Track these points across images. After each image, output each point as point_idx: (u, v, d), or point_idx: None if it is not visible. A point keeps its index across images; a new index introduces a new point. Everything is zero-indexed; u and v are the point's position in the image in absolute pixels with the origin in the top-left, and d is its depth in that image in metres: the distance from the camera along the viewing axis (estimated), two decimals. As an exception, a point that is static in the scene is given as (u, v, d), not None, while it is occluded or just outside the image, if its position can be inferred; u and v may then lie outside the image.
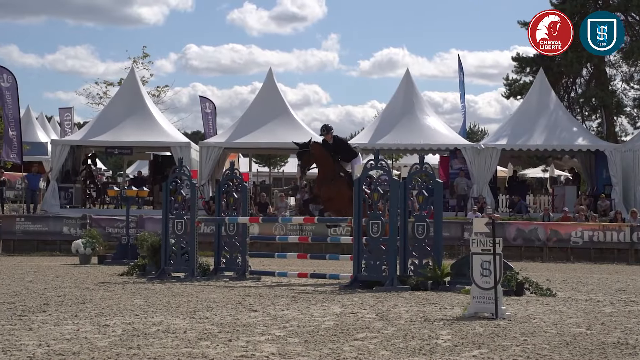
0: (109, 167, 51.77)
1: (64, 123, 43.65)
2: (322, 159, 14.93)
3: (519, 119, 29.45)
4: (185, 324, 8.72)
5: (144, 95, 30.66)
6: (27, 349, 7.08)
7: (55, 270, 17.51)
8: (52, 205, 27.74)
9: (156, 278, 14.76)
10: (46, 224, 25.16)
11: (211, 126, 36.36)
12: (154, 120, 29.51)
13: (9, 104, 28.21)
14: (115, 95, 31.73)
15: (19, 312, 9.61)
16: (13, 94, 28.32)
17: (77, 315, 9.41)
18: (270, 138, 29.06)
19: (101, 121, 29.63)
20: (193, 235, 15.12)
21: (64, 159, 28.59)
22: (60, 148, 28.67)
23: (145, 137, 28.74)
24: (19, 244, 24.89)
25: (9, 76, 28.53)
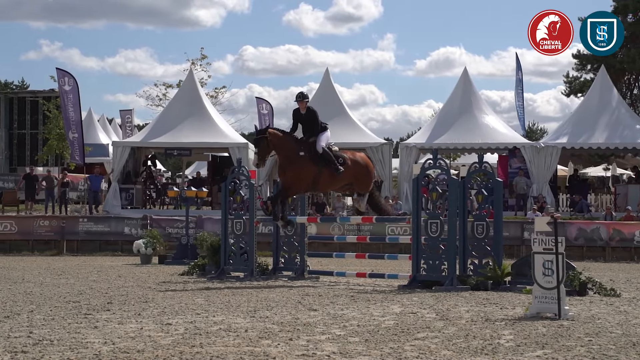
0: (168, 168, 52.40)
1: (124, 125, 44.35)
2: (281, 145, 14.18)
3: (580, 117, 28.99)
4: (246, 322, 8.79)
5: (202, 96, 30.97)
6: (93, 347, 7.21)
7: (118, 270, 17.81)
8: (114, 206, 28.21)
9: (216, 277, 14.90)
10: (108, 225, 25.59)
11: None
12: (212, 122, 29.79)
13: (71, 106, 28.77)
14: (174, 97, 32.12)
15: (84, 311, 9.79)
16: (74, 96, 28.86)
17: (140, 314, 9.55)
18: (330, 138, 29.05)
19: (161, 123, 30.03)
20: (252, 235, 15.23)
21: (125, 161, 29.04)
22: (121, 149, 29.14)
23: (203, 138, 29.02)
24: (82, 244, 25.36)
25: (70, 79, 29.10)
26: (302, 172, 14.10)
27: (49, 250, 24.78)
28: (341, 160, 14.32)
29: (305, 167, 14.09)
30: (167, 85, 41.44)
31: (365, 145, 28.80)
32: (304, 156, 14.09)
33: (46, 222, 25.49)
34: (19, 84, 71.15)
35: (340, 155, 14.42)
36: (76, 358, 6.69)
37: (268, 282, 14.25)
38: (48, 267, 18.57)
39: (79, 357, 6.74)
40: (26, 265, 19.23)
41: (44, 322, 8.81)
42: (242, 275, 14.95)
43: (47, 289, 12.91)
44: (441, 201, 13.33)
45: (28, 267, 18.46)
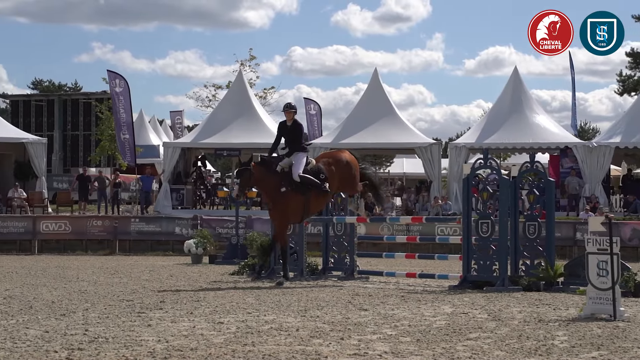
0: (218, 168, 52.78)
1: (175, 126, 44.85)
2: (263, 182, 14.02)
3: (634, 116, 28.47)
4: (297, 322, 8.82)
5: (251, 97, 31.15)
6: (147, 345, 7.30)
7: (169, 269, 18.01)
8: (165, 207, 28.52)
9: (266, 277, 14.97)
10: (159, 225, 25.87)
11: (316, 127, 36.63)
12: (261, 122, 29.94)
13: (122, 108, 29.18)
14: (224, 98, 32.37)
15: (137, 309, 9.92)
16: (125, 98, 29.27)
17: (193, 312, 9.65)
18: (376, 138, 29.07)
19: (210, 124, 30.28)
20: (301, 235, 15.27)
21: (175, 161, 29.35)
22: (171, 150, 29.45)
23: (252, 139, 29.17)
24: (134, 244, 25.69)
25: (121, 81, 29.52)
26: (290, 208, 13.86)
27: (102, 250, 25.14)
28: (323, 176, 13.95)
29: (292, 202, 13.82)
30: (216, 87, 41.77)
31: (414, 146, 28.71)
32: (286, 192, 13.76)
33: (99, 222, 25.88)
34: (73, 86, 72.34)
35: (320, 170, 14.00)
36: (131, 355, 6.79)
37: (318, 282, 14.28)
38: (101, 267, 18.85)
39: (133, 354, 6.84)
40: (80, 265, 19.55)
41: (98, 320, 8.95)
42: (292, 275, 14.99)
43: (101, 287, 13.11)
44: (492, 201, 13.23)
45: (82, 267, 18.77)
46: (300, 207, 13.87)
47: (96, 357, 6.69)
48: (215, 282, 14.13)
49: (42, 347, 7.13)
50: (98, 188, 29.39)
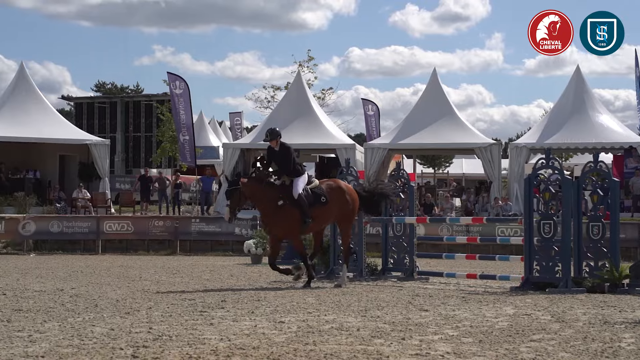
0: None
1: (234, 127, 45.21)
2: (257, 195, 13.51)
3: (700, 114, 27.82)
4: (358, 322, 8.82)
5: (310, 98, 31.24)
6: (210, 343, 7.38)
7: (230, 269, 18.17)
8: (224, 207, 28.56)
9: (325, 277, 15.00)
10: (219, 225, 26.11)
11: (374, 128, 36.61)
12: (320, 123, 30.01)
13: (182, 109, 29.54)
14: (283, 99, 32.52)
15: (200, 308, 10.03)
16: (185, 100, 29.64)
17: (254, 312, 9.72)
18: (435, 139, 28.91)
19: (269, 125, 30.32)
20: (361, 236, 15.27)
21: (235, 162, 29.59)
22: (231, 151, 29.71)
23: (311, 140, 29.26)
24: (194, 244, 26.00)
25: (181, 83, 29.90)
26: (289, 222, 13.36)
27: (163, 250, 25.49)
28: (323, 199, 13.56)
29: (290, 216, 13.34)
30: (275, 88, 41.98)
31: (474, 146, 28.47)
32: (284, 205, 13.32)
33: (160, 222, 26.24)
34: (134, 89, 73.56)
35: (322, 192, 13.63)
36: (194, 353, 6.87)
37: (377, 283, 14.26)
38: (163, 266, 19.12)
39: (197, 352, 6.92)
40: (142, 264, 19.85)
41: (162, 318, 9.08)
42: (352, 275, 15.00)
43: (163, 286, 13.30)
44: (554, 202, 13.04)
45: (144, 266, 19.05)
46: (298, 221, 13.34)
47: (161, 355, 6.78)
48: (275, 282, 14.21)
49: (108, 344, 7.26)
50: (159, 189, 29.81)
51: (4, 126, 28.76)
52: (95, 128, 43.28)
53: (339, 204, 13.77)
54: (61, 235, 25.53)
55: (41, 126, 29.35)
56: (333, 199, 13.71)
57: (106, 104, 45.98)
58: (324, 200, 13.58)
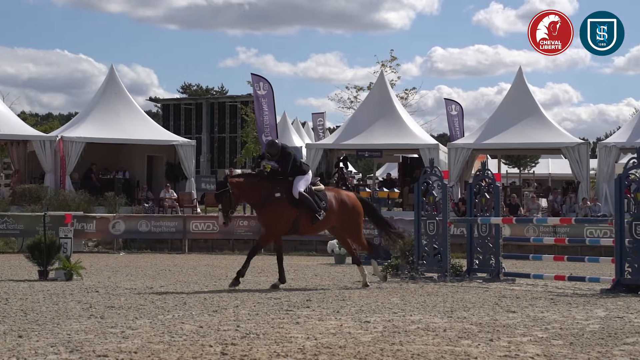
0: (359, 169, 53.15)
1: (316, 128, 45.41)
2: (249, 191, 13.08)
3: None
4: (444, 322, 8.76)
5: (392, 98, 31.15)
6: (297, 342, 7.44)
7: (313, 269, 18.28)
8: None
9: (409, 278, 14.95)
10: (302, 225, 26.21)
11: (458, 128, 36.25)
12: (403, 123, 29.89)
13: (265, 110, 29.83)
14: (365, 99, 32.52)
15: (285, 307, 10.12)
16: (269, 101, 29.91)
17: (339, 311, 9.75)
18: (520, 138, 28.47)
19: (352, 125, 30.50)
20: (445, 236, 15.16)
21: (318, 162, 29.74)
22: (314, 152, 29.87)
23: (394, 140, 29.19)
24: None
25: (265, 84, 30.19)
26: (282, 213, 13.02)
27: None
28: (324, 204, 13.25)
29: (284, 209, 13.02)
30: (357, 88, 42.03)
31: (561, 146, 27.92)
32: (280, 198, 13.00)
33: (245, 222, 26.52)
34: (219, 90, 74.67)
35: (325, 197, 13.38)
36: (282, 352, 6.93)
37: (462, 284, 14.12)
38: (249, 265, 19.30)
39: (284, 350, 6.98)
40: (228, 264, 20.12)
41: (249, 316, 9.19)
42: (436, 276, 14.90)
43: (249, 285, 13.46)
44: (646, 202, 12.66)
45: (230, 265, 19.29)
46: (292, 218, 13.07)
47: (249, 352, 6.86)
48: (359, 282, 14.21)
49: (197, 341, 7.39)
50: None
51: (95, 128, 29.58)
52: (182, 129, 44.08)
53: (340, 213, 13.46)
54: (149, 234, 26.09)
55: (130, 128, 30.06)
56: (333, 207, 13.38)
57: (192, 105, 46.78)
58: (324, 205, 13.23)
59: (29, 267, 15.50)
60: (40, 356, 6.54)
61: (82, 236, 24.88)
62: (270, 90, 30.01)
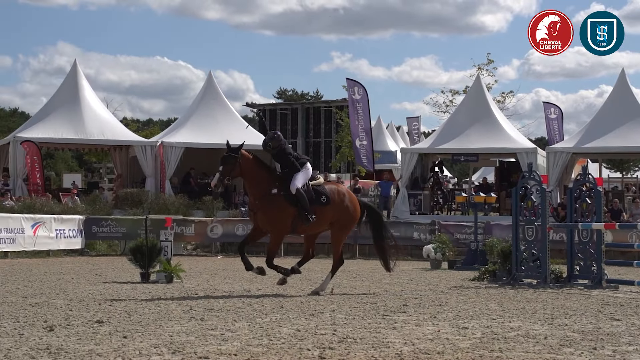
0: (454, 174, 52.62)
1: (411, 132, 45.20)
2: (252, 175, 12.42)
3: None
4: (544, 329, 8.58)
5: (489, 102, 30.72)
6: (394, 347, 7.41)
7: (409, 273, 18.20)
8: (403, 212, 28.81)
9: (507, 284, 14.71)
10: (397, 230, 26.10)
11: (557, 131, 35.49)
12: (500, 127, 29.44)
13: (360, 115, 29.85)
14: (461, 102, 32.18)
15: (382, 312, 10.10)
16: (364, 105, 29.91)
17: (436, 317, 9.68)
18: (623, 142, 27.62)
19: (447, 129, 30.20)
20: (544, 242, 14.85)
21: (413, 167, 29.57)
22: (409, 156, 29.71)
23: (491, 144, 28.77)
24: (373, 249, 26.04)
25: (359, 89, 30.20)
26: (280, 214, 12.31)
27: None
28: (324, 198, 12.59)
29: (282, 208, 12.33)
30: (453, 92, 41.63)
31: (665, 148, 26.98)
32: (277, 195, 12.33)
33: (340, 226, 26.58)
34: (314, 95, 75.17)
35: (324, 192, 12.69)
36: (379, 356, 6.92)
37: (562, 290, 13.81)
38: (343, 270, 19.25)
39: (382, 355, 6.97)
40: (324, 268, 20.16)
41: (345, 321, 9.21)
42: (535, 282, 14.62)
43: (345, 290, 13.49)
44: None
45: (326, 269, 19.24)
46: (289, 218, 12.41)
47: (346, 357, 6.88)
48: (456, 288, 14.08)
49: (295, 344, 7.46)
50: (338, 193, 30.25)
51: (193, 133, 30.20)
52: (277, 134, 44.51)
53: (338, 210, 12.80)
54: (246, 238, 26.41)
55: (227, 133, 30.53)
56: (334, 201, 12.75)
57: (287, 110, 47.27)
58: (324, 200, 12.60)
59: (132, 269, 15.91)
60: (144, 357, 6.71)
61: (181, 239, 25.39)
62: (365, 94, 30.01)
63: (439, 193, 31.46)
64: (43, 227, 23.16)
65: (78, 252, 24.29)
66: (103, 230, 25.14)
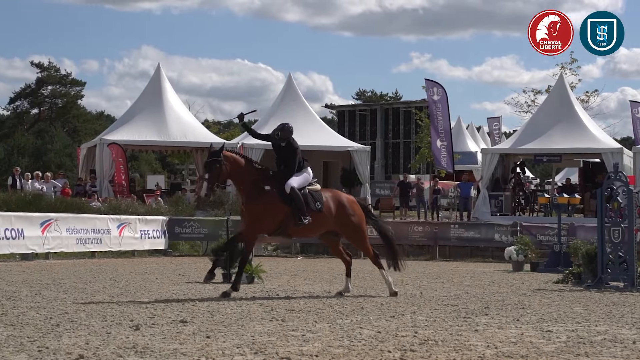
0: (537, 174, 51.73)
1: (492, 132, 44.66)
2: (240, 175, 11.80)
3: None
4: (633, 334, 8.36)
5: (572, 101, 30.15)
6: (477, 350, 7.33)
7: (490, 275, 17.96)
8: (483, 213, 28.50)
9: (593, 287, 14.39)
10: (478, 231, 25.89)
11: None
12: (584, 127, 28.87)
13: (439, 115, 29.65)
14: (544, 102, 31.68)
15: (463, 314, 10.00)
16: (443, 106, 29.70)
17: (519, 319, 9.53)
18: None
19: (529, 129, 29.75)
20: (631, 244, 14.47)
21: (494, 167, 29.22)
22: (489, 157, 29.38)
23: (574, 144, 28.24)
24: (453, 250, 25.97)
25: (439, 89, 30.02)
26: (269, 209, 11.72)
27: (422, 255, 25.69)
28: (318, 205, 12.04)
29: (273, 204, 11.72)
30: (535, 92, 40.96)
31: None
32: (270, 192, 11.73)
33: (420, 227, 26.49)
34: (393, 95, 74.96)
35: (320, 199, 12.15)
36: (462, 359, 6.85)
37: (651, 294, 13.43)
38: (423, 271, 19.29)
39: (464, 358, 6.90)
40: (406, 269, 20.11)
41: (426, 323, 9.15)
42: (622, 285, 14.25)
43: (426, 292, 13.41)
44: None
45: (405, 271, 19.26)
46: (280, 217, 11.82)
47: (428, 359, 6.84)
48: (539, 290, 13.84)
49: (376, 346, 7.44)
50: (417, 195, 30.13)
51: (273, 135, 30.45)
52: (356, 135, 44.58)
53: (338, 218, 12.34)
54: (325, 239, 26.51)
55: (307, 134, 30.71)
56: (330, 210, 12.26)
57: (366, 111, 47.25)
58: (318, 206, 12.06)
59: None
60: (227, 357, 6.80)
61: (261, 240, 25.63)
62: (444, 95, 29.80)
63: (521, 194, 31.00)
64: (128, 228, 23.72)
65: (161, 252, 24.80)
66: (185, 231, 25.60)
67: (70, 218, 22.37)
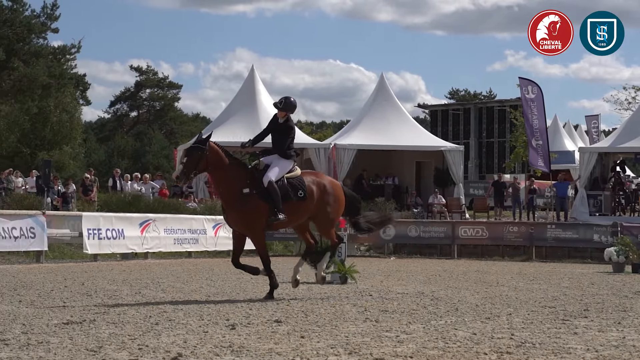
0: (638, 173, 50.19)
1: (591, 131, 43.58)
2: (220, 171, 11.27)
3: None
4: None
5: (676, 97, 29.14)
6: (576, 353, 7.15)
7: (589, 277, 17.52)
8: (581, 213, 27.84)
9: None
10: (576, 232, 25.31)
11: None
12: (687, 123, 27.87)
13: (535, 114, 29.08)
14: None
15: (561, 317, 9.77)
16: (539, 104, 29.12)
17: (620, 322, 9.25)
18: None
19: (630, 127, 28.93)
20: None
21: (592, 167, 28.51)
22: (588, 155, 28.69)
23: (678, 142, 27.30)
24: (550, 251, 25.47)
25: (534, 87, 29.44)
26: (254, 215, 11.27)
27: (518, 256, 25.28)
28: (301, 193, 11.43)
29: (254, 208, 11.22)
30: (636, 89, 39.79)
31: None
32: (249, 195, 11.19)
33: (515, 228, 26.07)
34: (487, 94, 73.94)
35: (302, 185, 11.51)
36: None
37: None
38: (519, 272, 18.95)
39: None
40: (498, 270, 19.85)
41: (523, 325, 8.98)
42: None
43: (522, 293, 13.17)
44: None
45: (500, 272, 19.03)
46: (264, 215, 11.32)
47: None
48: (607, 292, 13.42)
49: (471, 348, 7.35)
50: (512, 194, 29.66)
51: (366, 135, 30.50)
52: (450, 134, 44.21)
53: (318, 203, 11.68)
54: (418, 239, 26.41)
55: (399, 134, 30.65)
56: (312, 195, 11.62)
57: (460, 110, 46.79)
58: (301, 195, 11.47)
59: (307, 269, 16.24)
60: (322, 357, 6.82)
61: (354, 240, 25.68)
62: (539, 93, 29.22)
63: (621, 194, 30.15)
64: (224, 228, 24.10)
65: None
66: (279, 231, 25.83)
67: (167, 218, 22.89)
